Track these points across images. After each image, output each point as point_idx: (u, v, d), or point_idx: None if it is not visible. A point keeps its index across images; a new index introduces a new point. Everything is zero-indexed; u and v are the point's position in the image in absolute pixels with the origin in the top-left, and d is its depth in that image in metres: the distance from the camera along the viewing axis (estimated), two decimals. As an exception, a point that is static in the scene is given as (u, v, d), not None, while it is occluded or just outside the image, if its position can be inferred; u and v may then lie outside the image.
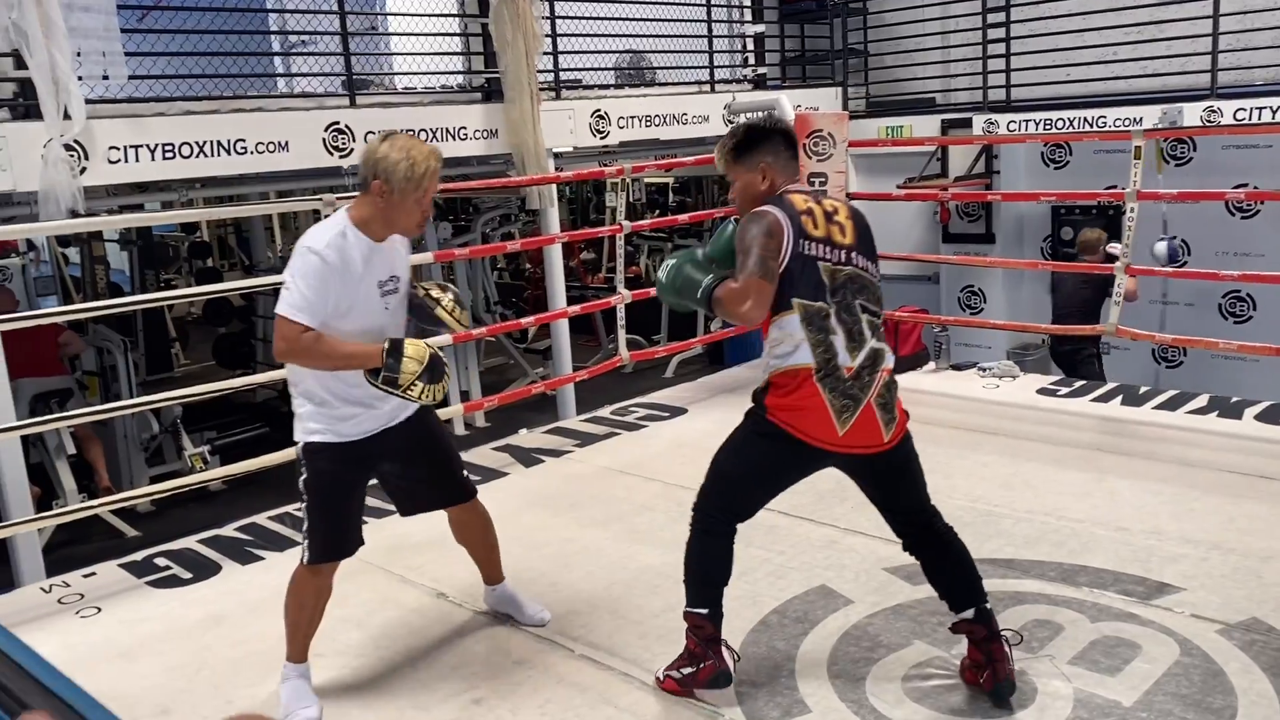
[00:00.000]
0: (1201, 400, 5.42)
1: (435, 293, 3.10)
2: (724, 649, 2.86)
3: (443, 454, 3.17)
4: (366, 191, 2.79)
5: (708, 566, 2.86)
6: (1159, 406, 5.40)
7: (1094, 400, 5.59)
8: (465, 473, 3.25)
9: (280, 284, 2.74)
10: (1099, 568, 3.57)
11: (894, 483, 2.85)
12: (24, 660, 0.72)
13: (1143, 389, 5.80)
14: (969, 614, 2.80)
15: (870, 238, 2.82)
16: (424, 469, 3.13)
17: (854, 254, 2.74)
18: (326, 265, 2.71)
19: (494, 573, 3.43)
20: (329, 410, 2.88)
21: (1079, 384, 5.92)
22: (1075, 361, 6.90)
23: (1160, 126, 7.06)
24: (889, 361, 2.76)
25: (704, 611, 2.84)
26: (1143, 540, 3.78)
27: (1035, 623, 3.20)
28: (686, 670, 2.88)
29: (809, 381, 2.65)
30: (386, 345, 2.74)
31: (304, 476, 2.93)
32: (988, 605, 2.81)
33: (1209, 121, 7.12)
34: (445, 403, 3.03)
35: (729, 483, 2.83)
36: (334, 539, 2.96)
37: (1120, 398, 5.59)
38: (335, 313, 2.75)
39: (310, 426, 2.91)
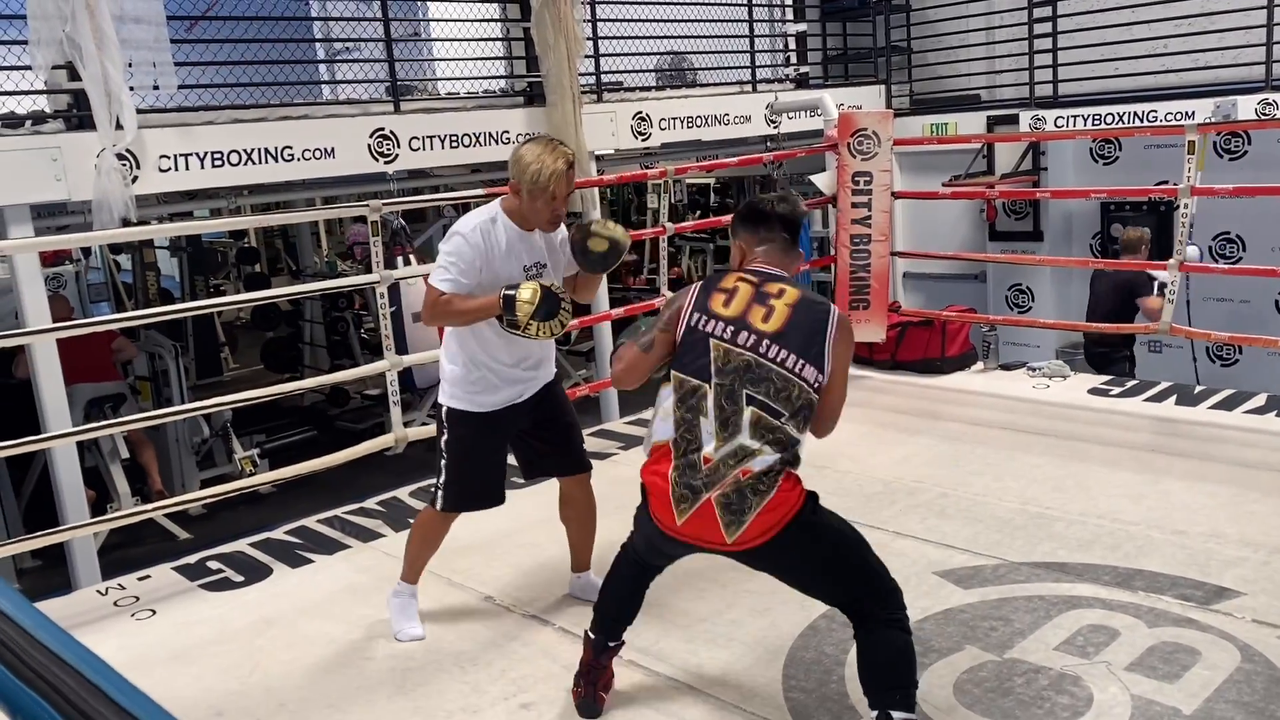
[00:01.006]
0: (1259, 399, 5.30)
1: (592, 227, 3.21)
2: (599, 682, 2.87)
3: (565, 427, 3.44)
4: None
5: (604, 593, 2.91)
6: (1215, 406, 5.29)
7: (1147, 400, 5.48)
8: (584, 448, 3.50)
9: (327, 290, 2.83)
10: (1155, 571, 3.50)
11: (784, 578, 2.66)
12: (88, 668, 0.72)
13: (1197, 388, 5.68)
14: (873, 715, 2.53)
15: (815, 334, 2.52)
16: (548, 439, 3.42)
17: (767, 342, 2.49)
18: (470, 245, 3.08)
19: (583, 560, 3.58)
20: (471, 379, 3.23)
21: (1131, 383, 5.82)
22: (1107, 363, 6.76)
23: (1214, 120, 6.92)
24: (757, 464, 2.44)
25: (591, 636, 2.88)
26: (1200, 543, 3.70)
27: (1090, 628, 3.14)
28: (574, 684, 2.93)
29: (666, 460, 2.54)
30: (502, 293, 3.02)
31: (444, 437, 3.31)
32: (895, 717, 2.46)
33: (1264, 114, 6.96)
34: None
35: (634, 523, 2.80)
36: (466, 494, 3.36)
37: (1174, 397, 5.48)
38: (483, 289, 3.08)
39: (453, 392, 3.27)
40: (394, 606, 3.46)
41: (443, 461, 3.32)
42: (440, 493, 3.35)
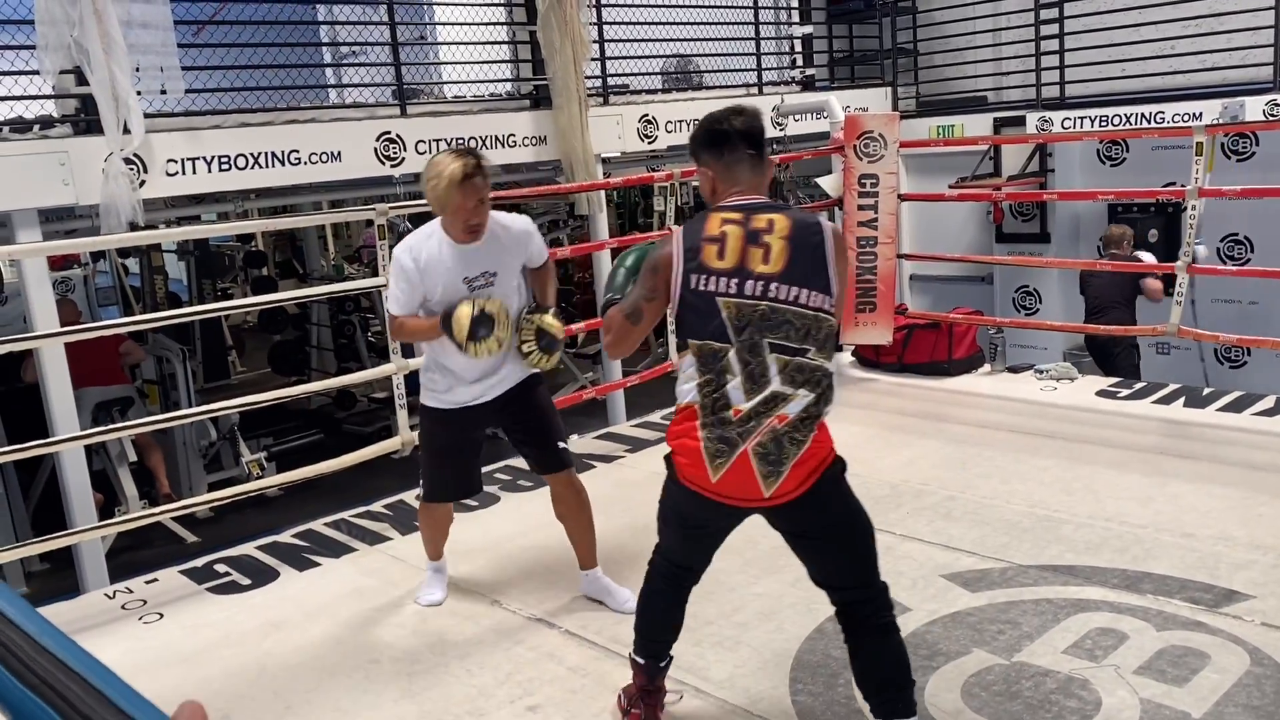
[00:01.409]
0: (1268, 401, 5.28)
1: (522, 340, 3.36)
2: (656, 705, 2.80)
3: (538, 425, 3.48)
4: None
5: (641, 614, 2.80)
6: (1223, 408, 5.27)
7: (1155, 402, 5.46)
8: (563, 445, 3.51)
9: (333, 293, 2.86)
10: (1164, 574, 3.48)
11: (802, 548, 2.57)
12: (93, 674, 0.72)
13: (1206, 390, 5.66)
14: None
15: (817, 260, 2.41)
16: (524, 439, 3.52)
17: (774, 285, 2.37)
18: (403, 267, 3.23)
19: (586, 557, 3.58)
20: (437, 380, 3.40)
21: (1139, 386, 5.80)
22: (1113, 354, 6.75)
23: (1221, 121, 6.90)
24: (793, 409, 2.37)
25: (639, 661, 2.78)
26: (1209, 546, 3.69)
27: (1099, 631, 3.13)
28: (624, 708, 2.85)
29: (693, 420, 2.43)
30: (440, 316, 3.18)
31: (419, 432, 3.59)
32: None
33: (1272, 115, 6.94)
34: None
35: (660, 523, 2.72)
36: (438, 486, 3.56)
37: (1183, 399, 5.46)
38: (429, 303, 3.24)
39: (423, 390, 3.46)
40: (425, 579, 3.76)
41: (419, 454, 3.61)
42: (421, 484, 3.58)
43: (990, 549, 3.79)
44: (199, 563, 4.24)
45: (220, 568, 4.17)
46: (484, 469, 4.70)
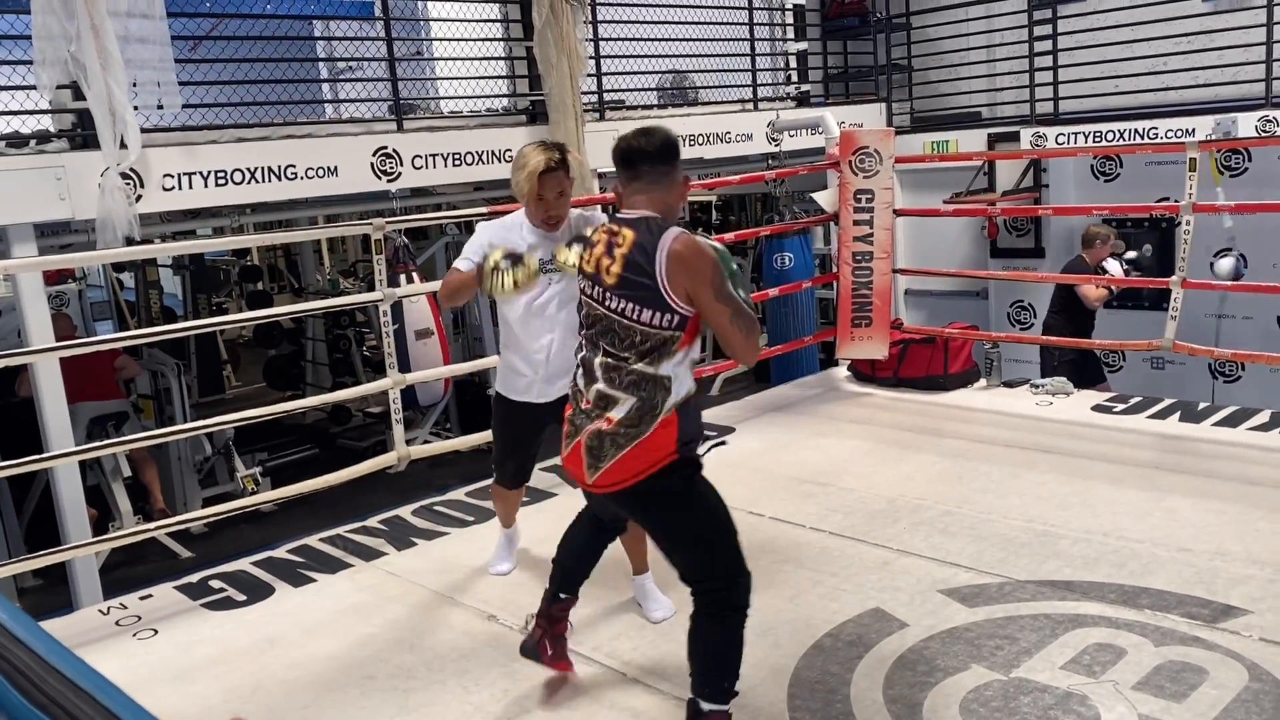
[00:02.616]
0: (1263, 416, 5.29)
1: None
2: (552, 631, 3.06)
3: None
4: None
5: (562, 542, 3.11)
6: (1219, 423, 5.28)
7: (1151, 417, 5.47)
8: None
9: (329, 308, 2.89)
10: (1161, 589, 3.48)
11: (649, 534, 2.84)
12: (102, 694, 0.72)
13: (1201, 405, 5.67)
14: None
15: (647, 274, 2.50)
16: None
17: (609, 295, 2.59)
18: (480, 235, 3.45)
19: (637, 563, 3.57)
20: (507, 370, 3.62)
21: (1135, 400, 5.81)
22: (1051, 366, 6.65)
23: (1214, 137, 6.94)
24: (617, 413, 2.56)
25: (547, 586, 3.08)
26: (1206, 561, 3.69)
27: (1096, 646, 3.13)
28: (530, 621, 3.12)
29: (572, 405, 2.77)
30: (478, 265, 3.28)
31: (492, 417, 3.80)
32: (702, 707, 2.60)
33: (1265, 132, 6.99)
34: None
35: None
36: (504, 471, 3.81)
37: (1178, 414, 5.47)
38: None
39: (498, 379, 3.69)
40: (496, 544, 4.02)
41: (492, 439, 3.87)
42: (495, 465, 3.85)
43: (987, 564, 3.79)
44: (194, 578, 4.22)
45: (215, 583, 4.15)
46: (481, 484, 4.71)
